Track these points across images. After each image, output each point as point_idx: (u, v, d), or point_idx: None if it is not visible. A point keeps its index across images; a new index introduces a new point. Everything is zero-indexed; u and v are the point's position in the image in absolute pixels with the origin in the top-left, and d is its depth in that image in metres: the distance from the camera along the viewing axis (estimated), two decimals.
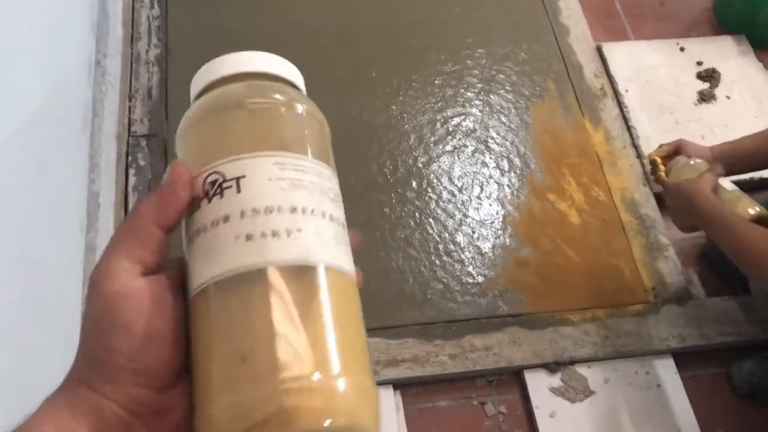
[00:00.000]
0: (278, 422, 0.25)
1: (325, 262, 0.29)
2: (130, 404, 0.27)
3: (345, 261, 0.30)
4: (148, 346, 0.27)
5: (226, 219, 0.29)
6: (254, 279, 0.27)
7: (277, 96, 0.33)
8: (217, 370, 0.27)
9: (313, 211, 0.30)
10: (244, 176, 0.29)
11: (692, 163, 1.07)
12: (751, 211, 0.98)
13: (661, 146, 1.17)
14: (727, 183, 1.05)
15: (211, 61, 0.34)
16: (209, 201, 0.29)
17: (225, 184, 0.29)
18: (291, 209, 0.29)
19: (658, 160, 1.14)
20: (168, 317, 0.28)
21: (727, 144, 1.10)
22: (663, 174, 1.11)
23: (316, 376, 0.26)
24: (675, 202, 1.05)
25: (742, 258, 0.90)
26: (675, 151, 1.12)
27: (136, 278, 0.28)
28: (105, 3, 1.41)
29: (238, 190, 0.29)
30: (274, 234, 0.28)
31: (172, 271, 0.30)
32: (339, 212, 0.32)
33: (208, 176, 0.30)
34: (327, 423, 0.26)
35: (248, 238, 0.28)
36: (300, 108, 0.33)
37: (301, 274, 0.28)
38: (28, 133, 0.98)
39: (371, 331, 1.12)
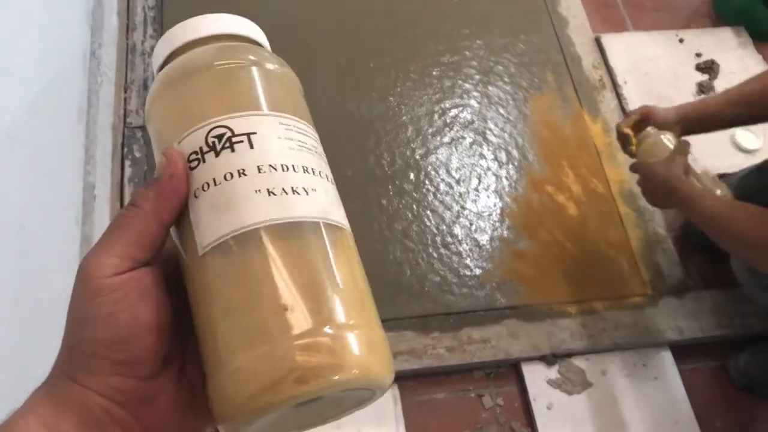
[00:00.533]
0: (295, 383, 0.25)
1: (339, 220, 0.30)
2: (114, 394, 0.27)
3: (345, 220, 0.31)
4: (133, 337, 0.27)
5: (242, 172, 0.28)
6: (282, 233, 0.27)
7: (269, 63, 0.33)
8: (231, 330, 0.26)
9: (320, 172, 0.30)
10: (255, 132, 0.29)
11: (663, 139, 1.04)
12: (719, 192, 0.97)
13: (628, 115, 1.12)
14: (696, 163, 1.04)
15: (184, 22, 0.33)
16: (217, 155, 0.28)
17: (235, 139, 0.29)
18: (304, 169, 0.29)
19: (630, 133, 1.09)
20: (157, 308, 0.28)
21: (690, 105, 1.08)
22: (633, 148, 1.08)
23: (328, 333, 0.26)
24: (647, 182, 1.04)
25: (723, 237, 0.92)
26: (642, 119, 1.10)
27: (123, 272, 0.27)
28: None
29: (251, 146, 0.28)
30: (295, 191, 0.28)
31: (161, 260, 0.29)
32: (331, 173, 0.32)
33: (212, 130, 0.29)
34: (342, 378, 0.26)
35: (270, 192, 0.28)
36: (291, 73, 0.33)
37: (316, 230, 0.28)
38: (22, 125, 0.97)
39: None
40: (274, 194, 0.28)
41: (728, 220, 0.89)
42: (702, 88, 1.53)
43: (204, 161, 0.28)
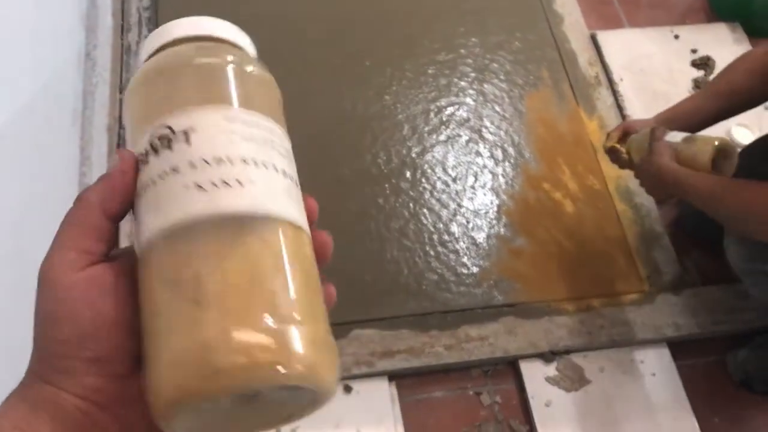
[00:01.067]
0: (231, 373, 0.25)
1: (277, 213, 0.29)
2: (90, 394, 0.26)
3: (297, 215, 0.30)
4: (98, 333, 0.27)
5: (174, 170, 0.28)
6: (206, 228, 0.27)
7: (227, 55, 0.32)
8: (166, 321, 0.26)
9: (264, 163, 0.29)
10: (192, 128, 0.29)
11: (645, 133, 1.03)
12: (716, 143, 0.96)
13: (609, 135, 1.13)
14: (676, 136, 1.03)
15: (162, 26, 0.33)
16: (157, 155, 0.29)
17: (173, 137, 0.29)
18: (242, 160, 0.28)
19: (617, 146, 1.10)
20: (120, 303, 0.27)
21: (668, 110, 1.09)
22: (626, 156, 1.09)
23: (268, 325, 0.26)
24: (645, 180, 1.04)
25: (723, 212, 0.93)
26: (624, 133, 1.10)
27: (82, 269, 0.27)
28: None
29: (187, 142, 0.28)
30: (225, 183, 0.28)
31: (123, 258, 0.29)
32: (291, 169, 0.31)
33: (156, 131, 0.29)
34: (281, 371, 0.25)
35: (198, 187, 0.27)
36: (250, 68, 0.33)
37: (252, 224, 0.28)
38: (18, 126, 0.97)
39: (366, 322, 1.13)
40: (203, 188, 0.27)
41: (726, 195, 0.89)
42: (697, 84, 1.53)
43: (147, 162, 0.29)
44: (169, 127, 0.29)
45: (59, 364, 0.26)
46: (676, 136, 1.01)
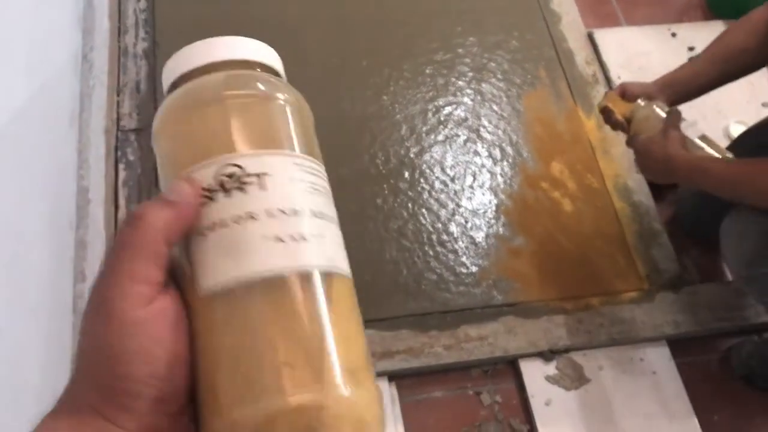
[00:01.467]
0: None
1: (343, 269, 0.29)
2: None
3: (347, 263, 0.30)
4: (169, 372, 0.26)
5: (251, 216, 0.27)
6: (288, 283, 0.27)
7: (283, 94, 0.32)
8: (237, 378, 0.26)
9: (329, 216, 0.30)
10: (266, 173, 0.28)
11: (654, 111, 1.01)
12: (729, 156, 0.96)
13: (606, 94, 1.12)
14: (688, 129, 1.02)
15: (194, 45, 0.32)
16: (228, 195, 0.28)
17: (246, 179, 0.28)
18: (313, 213, 0.28)
19: (610, 107, 1.07)
20: (186, 340, 0.27)
21: (667, 75, 1.08)
22: (620, 119, 1.06)
23: (341, 390, 0.26)
24: (645, 160, 1.02)
25: (745, 194, 0.92)
26: (622, 95, 1.09)
27: (150, 301, 0.26)
28: None
29: (262, 187, 0.28)
30: (302, 238, 0.27)
31: (172, 287, 0.28)
32: (337, 215, 0.32)
33: (222, 167, 0.28)
34: None
35: (277, 239, 0.27)
36: (305, 106, 0.33)
37: (325, 281, 0.28)
38: (14, 129, 0.96)
39: (366, 323, 1.12)
40: (282, 241, 0.27)
41: (747, 176, 0.89)
42: None
43: (213, 199, 0.28)
44: (241, 167, 0.28)
45: (123, 401, 0.25)
46: (687, 129, 0.99)
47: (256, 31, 0.36)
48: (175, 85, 0.32)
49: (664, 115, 1.00)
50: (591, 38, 1.58)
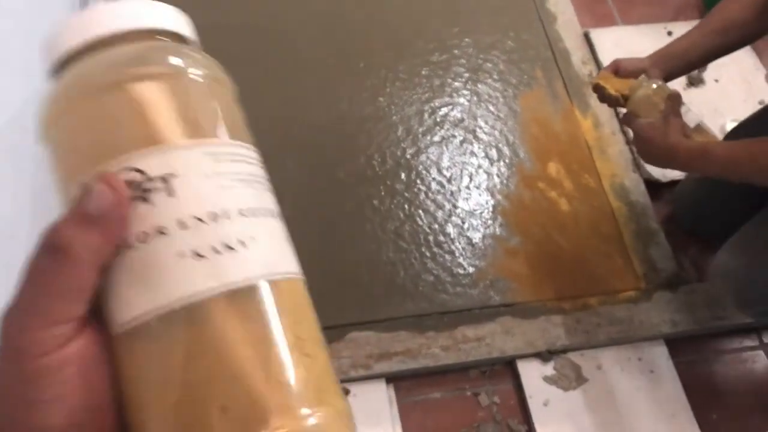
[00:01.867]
0: None
1: (287, 271, 0.25)
2: None
3: (296, 261, 0.26)
4: (90, 417, 0.23)
5: (161, 231, 0.22)
6: (216, 307, 0.22)
7: (196, 68, 0.25)
8: (168, 422, 0.22)
9: (260, 210, 0.25)
10: (173, 174, 0.23)
11: (654, 92, 0.99)
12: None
13: (601, 72, 1.10)
14: (687, 115, 1.01)
15: (80, 13, 0.25)
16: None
17: (149, 185, 0.23)
18: (240, 213, 0.24)
19: (602, 84, 1.05)
20: (105, 380, 0.23)
21: (664, 48, 1.08)
22: (614, 94, 1.04)
23: (303, 415, 0.22)
24: (643, 145, 1.00)
25: (751, 173, 0.90)
26: (615, 71, 1.08)
27: (69, 341, 0.22)
28: None
29: (170, 193, 0.23)
30: (228, 247, 0.23)
31: (91, 316, 0.24)
32: (276, 203, 0.26)
33: (118, 173, 0.23)
34: None
35: (197, 255, 0.22)
36: (224, 78, 0.27)
37: (269, 293, 0.23)
38: (9, 134, 0.96)
39: (363, 324, 1.13)
40: (202, 256, 0.22)
41: (749, 156, 0.88)
42: (691, 80, 1.53)
43: None
44: (142, 172, 0.23)
45: None
46: (686, 115, 0.98)
47: (252, 33, 0.35)
48: (62, 64, 0.26)
49: (664, 95, 0.99)
50: (587, 38, 1.58)
